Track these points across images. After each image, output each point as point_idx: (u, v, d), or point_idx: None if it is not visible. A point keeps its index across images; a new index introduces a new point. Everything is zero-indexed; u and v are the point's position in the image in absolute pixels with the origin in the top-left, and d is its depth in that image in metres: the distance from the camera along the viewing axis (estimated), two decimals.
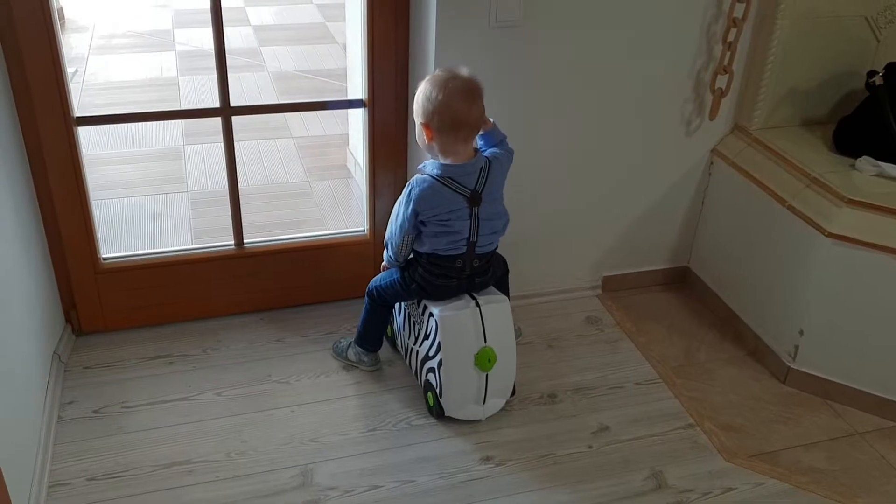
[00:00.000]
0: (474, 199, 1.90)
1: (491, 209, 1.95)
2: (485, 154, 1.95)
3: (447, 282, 1.98)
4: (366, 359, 2.25)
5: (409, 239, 1.98)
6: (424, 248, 1.97)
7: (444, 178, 1.88)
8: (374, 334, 2.22)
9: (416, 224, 1.93)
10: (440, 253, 1.95)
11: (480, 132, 1.97)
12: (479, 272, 2.00)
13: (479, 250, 1.96)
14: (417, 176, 1.92)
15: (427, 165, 1.93)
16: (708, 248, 2.64)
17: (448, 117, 1.83)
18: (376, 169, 2.39)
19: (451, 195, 1.88)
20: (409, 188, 1.92)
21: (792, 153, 2.32)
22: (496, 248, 2.03)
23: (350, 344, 2.27)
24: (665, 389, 2.27)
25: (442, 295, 2.02)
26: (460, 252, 1.95)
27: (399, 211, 1.96)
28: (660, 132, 2.45)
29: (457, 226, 1.91)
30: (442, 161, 1.91)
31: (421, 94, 1.88)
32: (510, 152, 2.00)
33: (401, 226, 1.96)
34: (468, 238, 1.93)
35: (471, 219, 1.91)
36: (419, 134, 1.93)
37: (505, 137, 2.02)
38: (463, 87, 1.84)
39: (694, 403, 2.22)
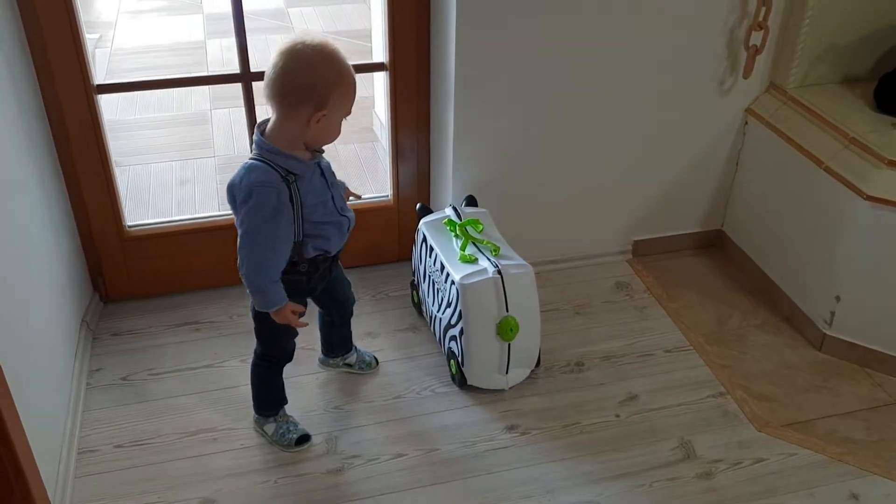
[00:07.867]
0: None
1: None
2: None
3: None
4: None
5: None
6: None
7: None
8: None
9: None
10: None
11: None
12: None
13: None
14: None
15: None
16: (742, 211, 2.56)
17: None
18: (398, 134, 2.35)
19: None
20: None
21: (830, 112, 2.23)
22: None
23: None
24: (696, 357, 2.22)
25: None
26: None
27: None
28: (691, 91, 2.37)
29: None
30: None
31: None
32: None
33: None
34: None
35: None
36: None
37: None
38: None
39: (725, 371, 2.18)
